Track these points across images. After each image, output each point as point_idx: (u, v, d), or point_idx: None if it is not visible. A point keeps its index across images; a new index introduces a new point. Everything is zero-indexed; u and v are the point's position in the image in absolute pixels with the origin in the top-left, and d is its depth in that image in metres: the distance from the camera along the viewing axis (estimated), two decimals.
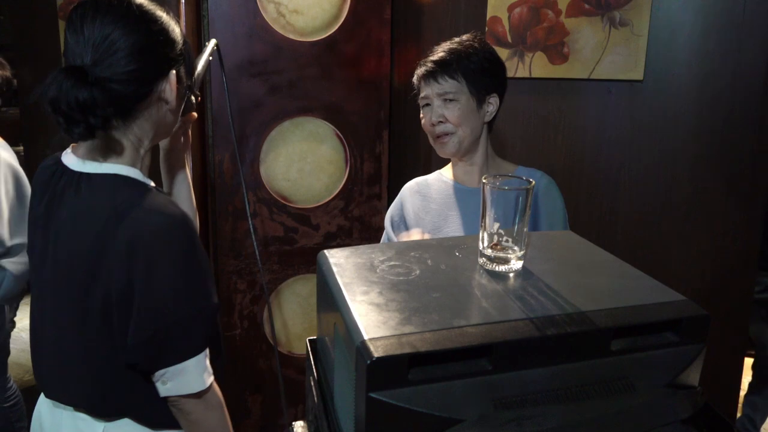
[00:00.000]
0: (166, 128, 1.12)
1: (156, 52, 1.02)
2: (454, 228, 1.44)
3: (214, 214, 2.06)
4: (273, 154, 2.07)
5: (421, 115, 1.44)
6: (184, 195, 1.30)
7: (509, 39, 1.96)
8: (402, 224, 1.53)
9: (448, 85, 1.37)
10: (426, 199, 1.50)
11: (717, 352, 1.54)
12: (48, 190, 1.06)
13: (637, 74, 1.82)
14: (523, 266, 0.77)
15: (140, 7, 1.01)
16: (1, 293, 2.05)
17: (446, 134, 1.39)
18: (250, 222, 1.71)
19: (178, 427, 1.10)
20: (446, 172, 1.53)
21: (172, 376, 1.02)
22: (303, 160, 2.10)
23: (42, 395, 1.15)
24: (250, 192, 2.05)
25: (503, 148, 2.01)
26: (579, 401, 0.63)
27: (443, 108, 1.38)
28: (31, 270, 1.12)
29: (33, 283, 1.12)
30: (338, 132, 2.11)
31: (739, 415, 2.57)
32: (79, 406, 1.08)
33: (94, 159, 1.03)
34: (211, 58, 1.38)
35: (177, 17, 1.87)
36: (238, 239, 2.07)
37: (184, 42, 1.09)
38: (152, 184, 1.07)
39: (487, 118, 1.42)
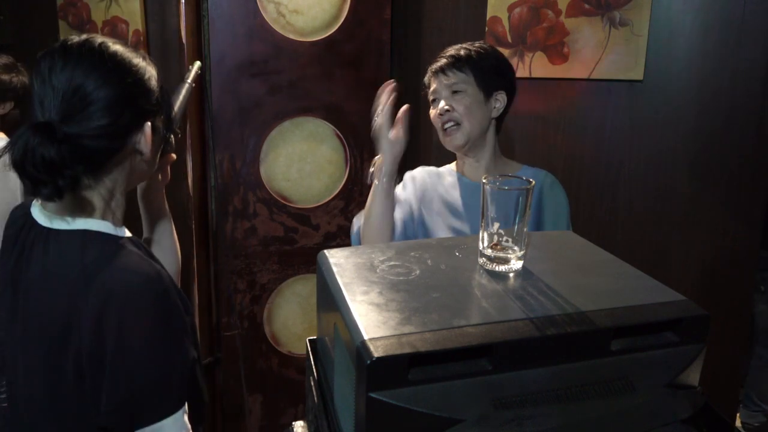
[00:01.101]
0: (140, 177, 1.07)
1: (131, 104, 0.96)
2: (465, 223, 1.45)
3: (214, 214, 2.06)
4: (273, 154, 2.07)
5: (431, 111, 1.47)
6: (166, 233, 1.25)
7: (509, 39, 1.96)
8: (413, 196, 1.51)
9: (456, 77, 1.42)
10: (437, 192, 1.51)
11: (717, 352, 1.54)
12: (17, 245, 1.01)
13: (637, 74, 1.82)
14: (523, 266, 0.77)
15: (114, 56, 0.95)
16: None
17: (453, 124, 1.42)
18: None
19: None
20: (452, 169, 1.55)
21: None
22: (303, 160, 2.10)
23: None
24: (250, 192, 2.05)
25: (503, 148, 2.00)
26: (579, 401, 0.63)
27: (451, 99, 1.42)
28: (1, 327, 1.04)
29: (3, 339, 1.05)
30: (338, 132, 2.11)
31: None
32: None
33: (62, 216, 0.97)
34: (194, 84, 1.31)
35: (177, 17, 1.88)
36: (238, 239, 2.07)
37: (161, 88, 1.03)
38: (126, 233, 1.02)
39: (494, 114, 1.45)
